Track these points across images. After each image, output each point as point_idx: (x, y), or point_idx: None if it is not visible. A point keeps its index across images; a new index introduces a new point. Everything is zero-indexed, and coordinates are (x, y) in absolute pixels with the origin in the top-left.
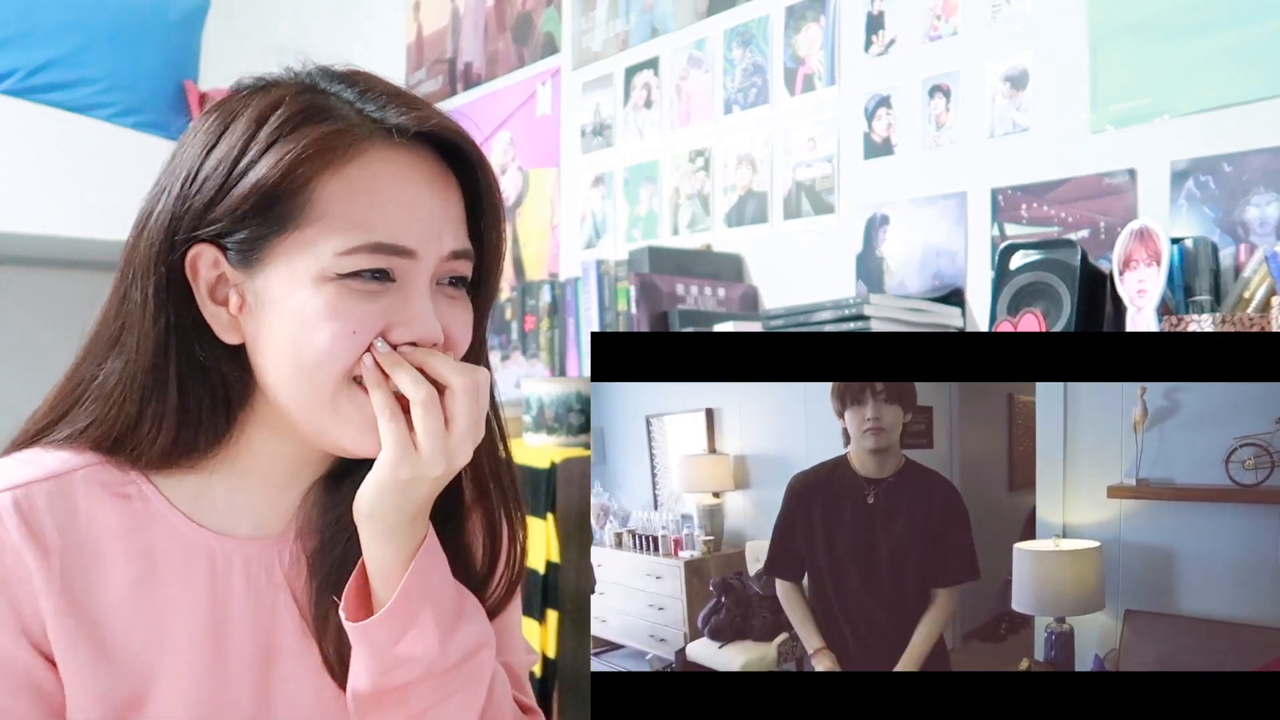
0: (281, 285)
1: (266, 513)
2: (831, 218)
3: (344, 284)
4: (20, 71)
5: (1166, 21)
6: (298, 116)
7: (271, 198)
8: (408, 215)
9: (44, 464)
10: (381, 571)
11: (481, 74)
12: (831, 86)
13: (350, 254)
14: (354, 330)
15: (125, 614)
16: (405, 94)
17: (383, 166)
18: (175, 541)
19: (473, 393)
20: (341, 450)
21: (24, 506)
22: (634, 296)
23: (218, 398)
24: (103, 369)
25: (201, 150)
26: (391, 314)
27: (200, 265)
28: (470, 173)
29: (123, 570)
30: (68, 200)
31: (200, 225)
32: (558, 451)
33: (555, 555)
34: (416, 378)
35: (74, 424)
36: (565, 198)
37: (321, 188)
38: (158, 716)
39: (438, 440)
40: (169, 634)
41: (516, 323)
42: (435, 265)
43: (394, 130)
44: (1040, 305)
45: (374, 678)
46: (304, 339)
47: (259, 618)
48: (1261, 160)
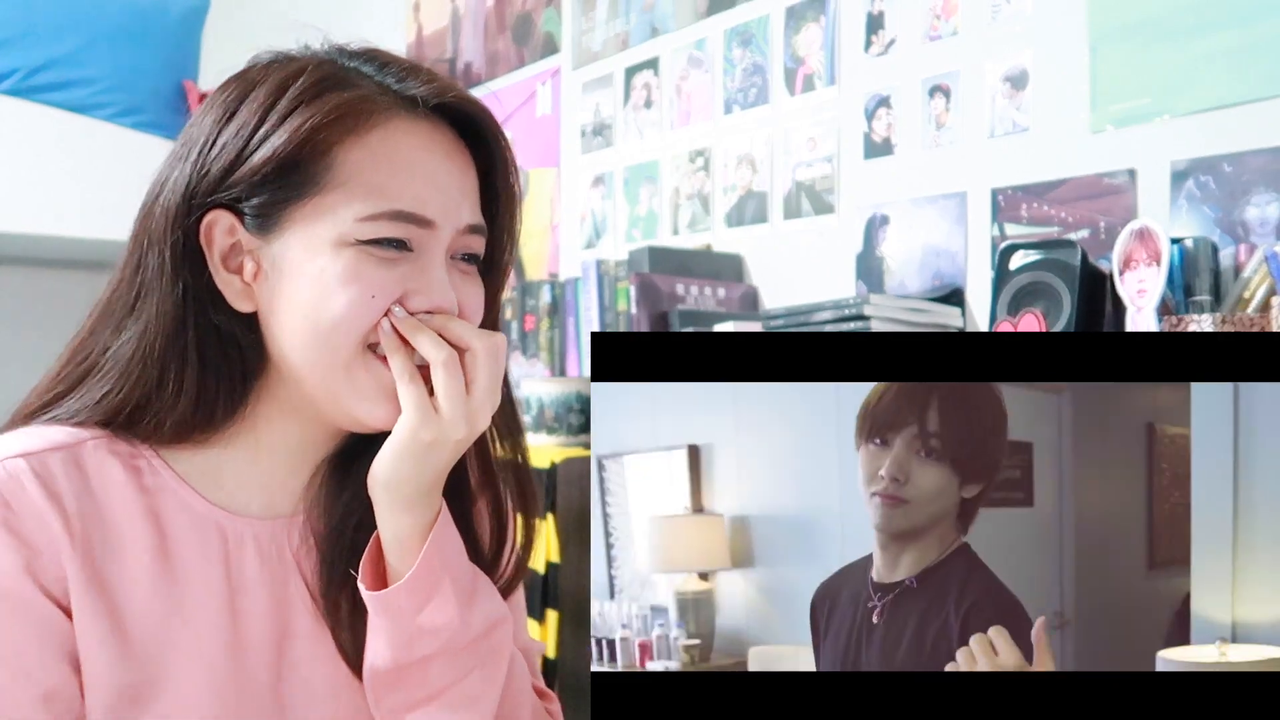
0: (300, 251)
1: (277, 492)
2: (831, 218)
3: (363, 250)
4: (20, 71)
5: (1166, 21)
6: (319, 85)
7: (292, 163)
8: (428, 186)
9: (51, 436)
10: (398, 542)
11: (481, 74)
12: (831, 86)
13: (371, 220)
14: (373, 295)
15: (143, 588)
16: (424, 68)
17: (404, 137)
18: (188, 516)
19: (493, 355)
20: (355, 422)
21: (40, 472)
22: (634, 296)
23: (234, 367)
24: (118, 338)
25: (220, 117)
26: (409, 282)
27: (215, 232)
28: (486, 150)
29: (139, 542)
30: (68, 200)
31: (218, 190)
32: (558, 451)
33: (555, 555)
34: (437, 340)
35: (87, 396)
36: (565, 198)
37: (344, 154)
38: (178, 694)
39: (459, 402)
40: (186, 610)
41: (516, 323)
42: (451, 238)
43: (416, 100)
44: (1040, 305)
45: (395, 650)
46: (322, 303)
47: (273, 599)
48: (1261, 160)
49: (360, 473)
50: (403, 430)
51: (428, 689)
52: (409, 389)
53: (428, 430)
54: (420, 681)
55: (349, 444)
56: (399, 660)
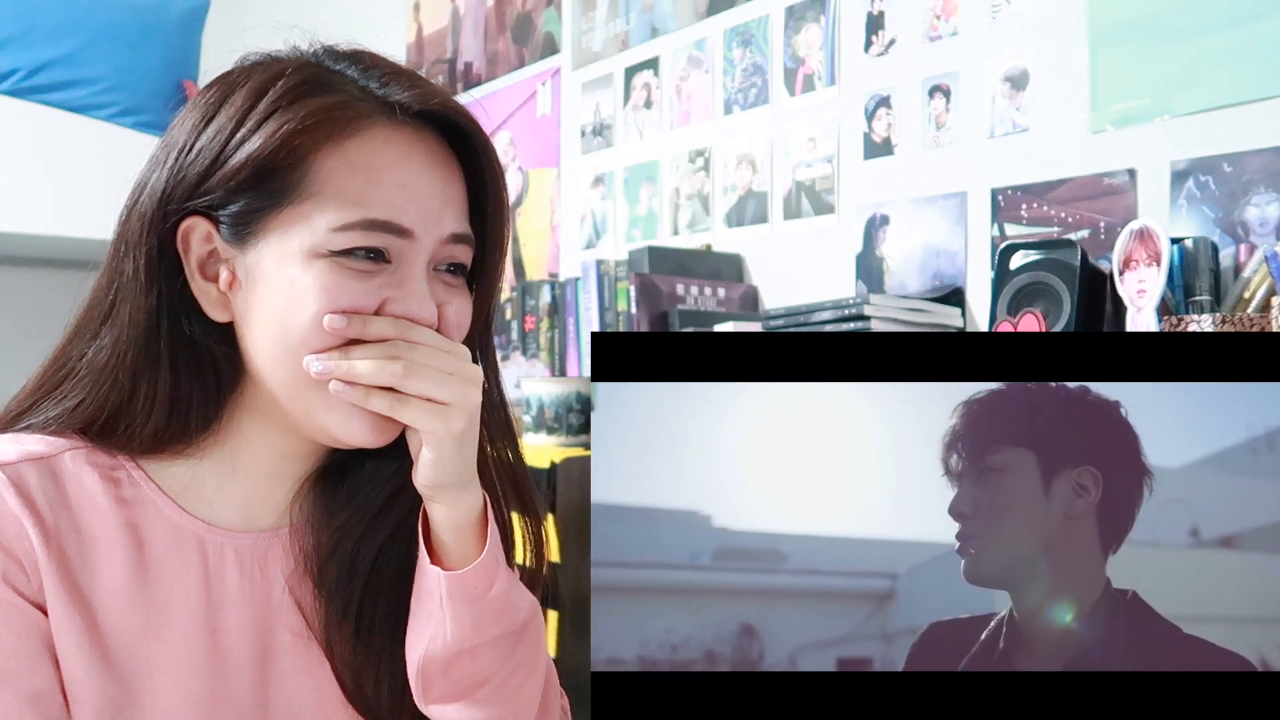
0: (273, 261)
1: (258, 505)
2: (831, 218)
3: (337, 261)
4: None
5: (1166, 21)
6: (298, 89)
7: (268, 170)
8: (406, 195)
9: (29, 445)
10: (457, 529)
11: (481, 74)
12: (831, 86)
13: (344, 230)
14: (343, 309)
15: (120, 601)
16: (410, 72)
17: (383, 145)
18: (167, 528)
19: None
20: (329, 437)
21: (16, 482)
22: (634, 296)
23: (208, 377)
24: (93, 345)
25: (199, 121)
26: (385, 292)
27: (192, 239)
28: (474, 158)
29: (116, 554)
30: (68, 200)
31: (194, 196)
32: (558, 451)
33: (555, 555)
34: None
35: (63, 402)
36: (565, 198)
37: (320, 162)
38: (157, 709)
39: (454, 383)
40: (165, 624)
41: (516, 323)
42: (433, 248)
43: (396, 107)
44: (1040, 305)
45: (463, 633)
46: (292, 316)
47: (255, 614)
48: (1261, 160)
49: (354, 492)
50: (435, 436)
51: (477, 675)
52: (406, 413)
53: (456, 421)
54: (471, 669)
55: (332, 461)
56: (464, 644)
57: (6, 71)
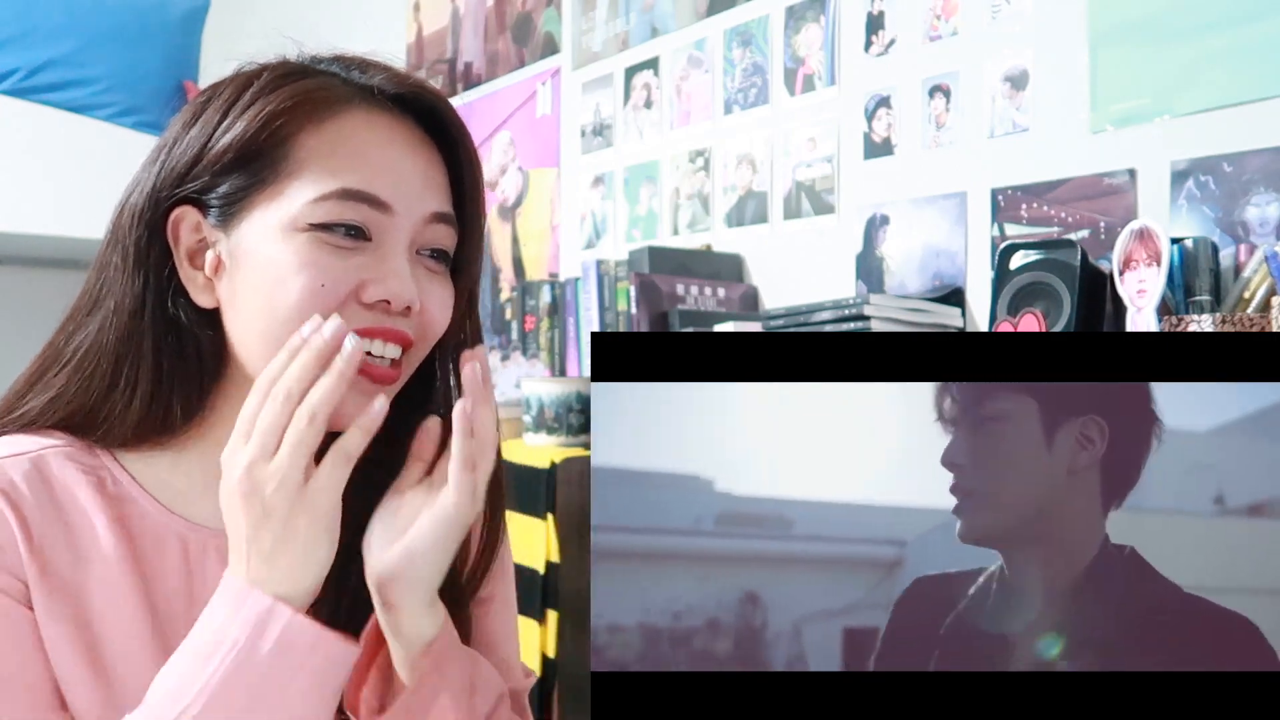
0: (255, 239)
1: None
2: (831, 218)
3: (316, 236)
4: (20, 71)
5: (1166, 21)
6: (281, 79)
7: (251, 151)
8: (384, 171)
9: (13, 443)
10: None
11: (481, 74)
12: (831, 86)
13: (321, 200)
14: (322, 284)
15: (107, 600)
16: (390, 66)
17: (364, 127)
18: (148, 525)
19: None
20: None
21: (1, 480)
22: (634, 297)
23: (191, 363)
24: (80, 333)
25: (188, 119)
26: (365, 271)
27: (182, 229)
28: (451, 146)
29: (102, 553)
30: (68, 200)
31: (183, 183)
32: (558, 451)
33: (555, 555)
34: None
35: (45, 392)
36: (565, 198)
37: (302, 141)
38: None
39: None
40: (150, 620)
41: (516, 323)
42: (415, 227)
43: (374, 90)
44: (1040, 305)
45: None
46: (274, 294)
47: None
48: (1261, 160)
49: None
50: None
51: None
52: (467, 477)
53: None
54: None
55: None
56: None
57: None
